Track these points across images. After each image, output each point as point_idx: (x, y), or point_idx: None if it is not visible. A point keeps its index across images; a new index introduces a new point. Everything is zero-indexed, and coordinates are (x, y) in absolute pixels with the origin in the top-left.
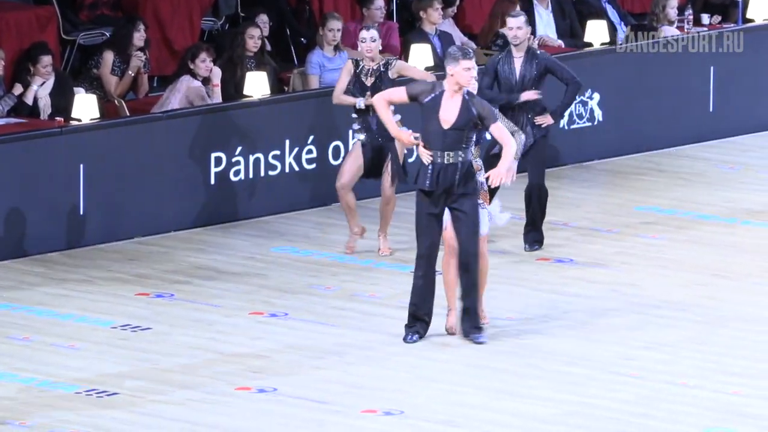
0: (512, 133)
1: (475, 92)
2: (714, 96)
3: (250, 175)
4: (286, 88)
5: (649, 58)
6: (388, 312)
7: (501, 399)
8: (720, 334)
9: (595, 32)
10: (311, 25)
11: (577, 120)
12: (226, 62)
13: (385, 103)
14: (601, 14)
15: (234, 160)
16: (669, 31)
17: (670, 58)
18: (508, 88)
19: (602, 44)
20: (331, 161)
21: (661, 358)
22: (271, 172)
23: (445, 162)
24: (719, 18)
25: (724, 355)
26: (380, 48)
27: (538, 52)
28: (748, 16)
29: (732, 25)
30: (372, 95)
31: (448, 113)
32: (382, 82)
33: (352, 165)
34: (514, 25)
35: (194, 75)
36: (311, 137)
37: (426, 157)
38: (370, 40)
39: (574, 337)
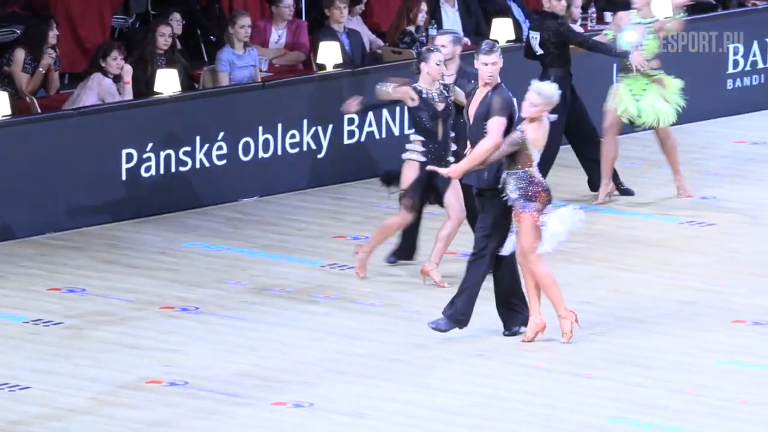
0: None
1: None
2: None
3: (161, 171)
4: (196, 85)
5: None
6: (299, 306)
7: (409, 391)
8: (623, 326)
9: (501, 30)
10: (221, 22)
11: None
12: (137, 60)
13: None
14: (507, 12)
15: (145, 156)
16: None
17: (577, 55)
18: None
19: (508, 41)
20: (241, 157)
21: (565, 349)
22: (181, 168)
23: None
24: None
25: (628, 346)
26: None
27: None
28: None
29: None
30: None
31: (471, 108)
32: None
33: None
34: (439, 42)
35: (105, 72)
36: (221, 134)
37: None
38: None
39: (481, 329)
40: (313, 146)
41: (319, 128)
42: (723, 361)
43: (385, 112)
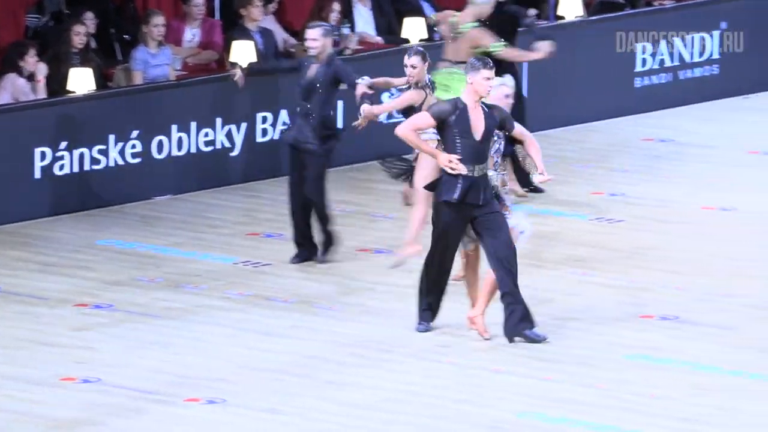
0: None
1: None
2: (528, 90)
3: (75, 170)
4: (110, 84)
5: None
6: (213, 302)
7: (323, 387)
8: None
9: (413, 29)
10: (135, 21)
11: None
12: (51, 58)
13: (413, 132)
14: (418, 11)
15: (59, 154)
16: None
17: None
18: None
19: (420, 40)
20: (155, 155)
21: (476, 345)
22: (95, 167)
23: (476, 175)
24: (535, 12)
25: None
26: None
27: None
28: (559, 13)
29: (544, 21)
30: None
31: (478, 125)
32: None
33: None
34: (309, 36)
35: (20, 72)
36: (135, 132)
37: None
38: (411, 66)
39: (394, 326)
40: (227, 144)
41: (233, 127)
42: (631, 355)
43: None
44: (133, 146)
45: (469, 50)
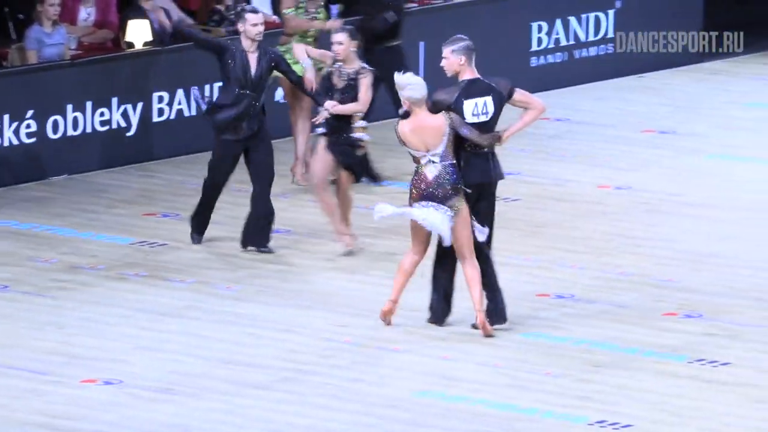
0: None
1: None
2: (423, 71)
3: None
4: (4, 63)
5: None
6: (109, 283)
7: (219, 367)
8: (425, 299)
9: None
10: (29, 0)
11: None
12: None
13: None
14: None
15: None
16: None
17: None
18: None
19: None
20: (51, 135)
21: (374, 324)
22: None
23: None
24: None
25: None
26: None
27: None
28: None
29: (440, 1)
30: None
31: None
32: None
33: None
34: (258, 21)
35: None
36: (30, 112)
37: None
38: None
39: (291, 306)
40: (123, 124)
41: (129, 106)
42: (528, 334)
43: (195, 90)
44: (28, 126)
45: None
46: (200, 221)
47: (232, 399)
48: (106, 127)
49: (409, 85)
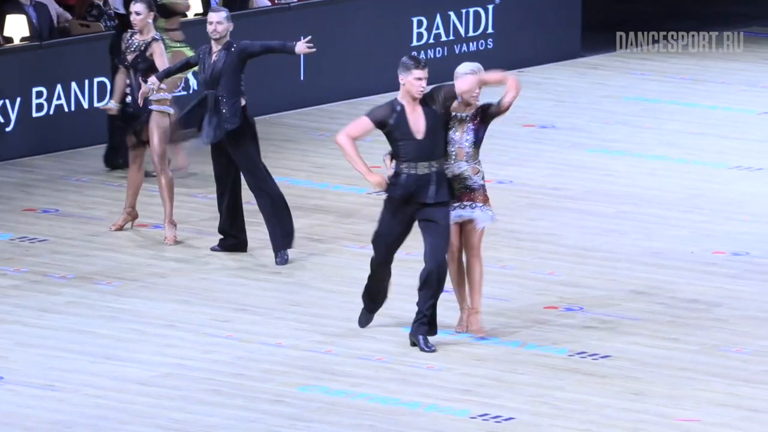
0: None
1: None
2: (305, 66)
3: None
4: None
5: (243, 26)
6: None
7: (101, 363)
8: (311, 294)
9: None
10: None
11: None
12: None
13: (351, 142)
14: None
15: None
16: (261, 1)
17: (264, 26)
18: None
19: (196, 15)
20: None
21: (255, 319)
22: None
23: (419, 173)
24: None
25: (317, 315)
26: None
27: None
28: None
29: None
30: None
31: (418, 124)
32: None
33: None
34: (214, 20)
35: None
36: None
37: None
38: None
39: (173, 301)
40: (1, 120)
41: (7, 102)
42: (409, 328)
43: (74, 85)
44: None
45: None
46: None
47: (114, 395)
48: None
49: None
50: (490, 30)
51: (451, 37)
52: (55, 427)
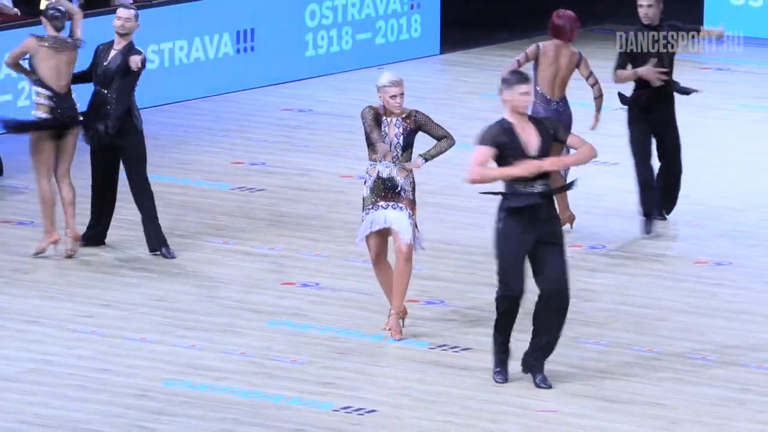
0: None
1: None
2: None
3: None
4: None
5: (104, 23)
6: None
7: None
8: (174, 290)
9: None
10: None
11: None
12: None
13: (482, 169)
14: None
15: None
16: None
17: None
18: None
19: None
20: None
21: (119, 315)
22: None
23: (536, 191)
24: None
25: (180, 310)
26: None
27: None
28: None
29: None
30: None
31: (531, 140)
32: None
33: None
34: (123, 16)
35: None
36: None
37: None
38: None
39: (33, 296)
40: None
41: None
42: (273, 322)
43: None
44: None
45: None
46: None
47: None
48: None
49: None
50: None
51: None
52: None
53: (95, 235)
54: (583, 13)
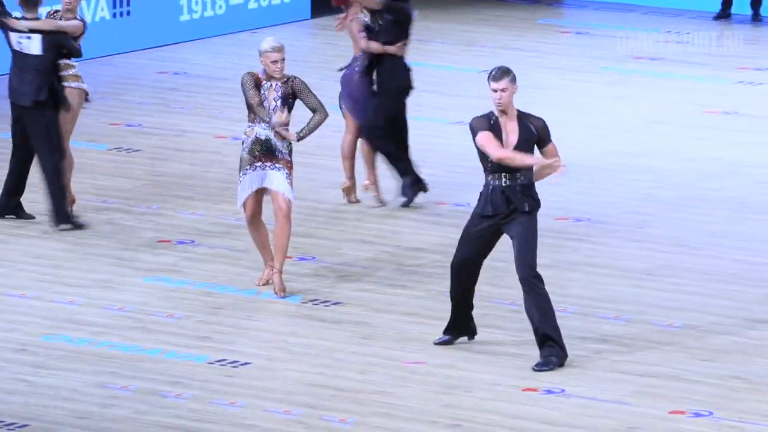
0: None
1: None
2: None
3: None
4: None
5: None
6: None
7: None
8: (52, 247)
9: None
10: None
11: None
12: None
13: (499, 148)
14: None
15: None
16: None
17: None
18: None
19: None
20: None
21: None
22: None
23: (504, 184)
24: None
25: (58, 267)
26: None
27: None
28: None
29: None
30: None
31: (511, 136)
32: None
33: None
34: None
35: None
36: None
37: None
38: None
39: None
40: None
41: None
42: (150, 278)
43: None
44: None
45: None
46: None
47: None
48: None
49: None
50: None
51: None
52: None
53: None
54: None
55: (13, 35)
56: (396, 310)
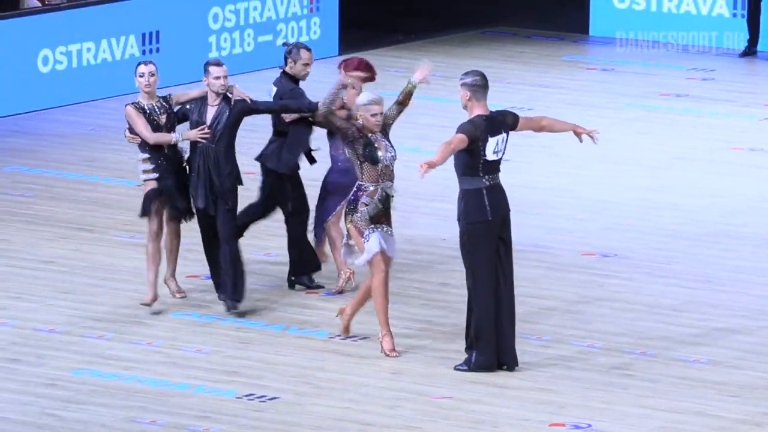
0: None
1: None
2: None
3: None
4: None
5: (14, 25)
6: None
7: None
8: (82, 283)
9: None
10: None
11: None
12: None
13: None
14: None
15: None
16: (32, 2)
17: (36, 26)
18: None
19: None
20: None
21: (29, 306)
22: None
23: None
24: None
25: (88, 302)
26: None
27: None
28: None
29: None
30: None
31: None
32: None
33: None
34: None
35: None
36: None
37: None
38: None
39: None
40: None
41: None
42: (178, 313)
43: None
44: None
45: None
46: None
47: None
48: None
49: None
50: None
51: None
52: None
53: None
54: (481, 14)
55: None
56: (424, 346)
